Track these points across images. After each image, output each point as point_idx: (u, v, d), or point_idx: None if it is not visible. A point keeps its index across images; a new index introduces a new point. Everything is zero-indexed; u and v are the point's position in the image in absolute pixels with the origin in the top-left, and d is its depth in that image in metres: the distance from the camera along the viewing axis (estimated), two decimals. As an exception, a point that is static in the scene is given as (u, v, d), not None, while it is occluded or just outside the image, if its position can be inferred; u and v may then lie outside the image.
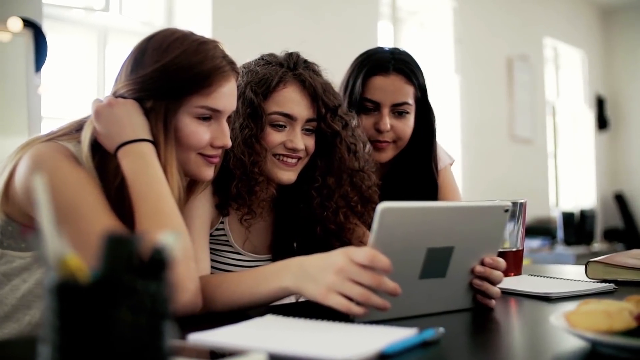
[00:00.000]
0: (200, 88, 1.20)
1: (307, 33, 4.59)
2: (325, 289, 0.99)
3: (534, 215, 6.25)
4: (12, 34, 3.23)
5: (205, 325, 0.92)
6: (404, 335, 0.86)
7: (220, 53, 1.25)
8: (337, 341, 0.86)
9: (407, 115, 1.74)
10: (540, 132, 6.79)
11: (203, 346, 0.83)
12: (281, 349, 0.79)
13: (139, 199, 1.11)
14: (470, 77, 5.94)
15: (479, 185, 5.96)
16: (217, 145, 1.25)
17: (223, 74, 1.22)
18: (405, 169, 1.81)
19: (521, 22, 6.57)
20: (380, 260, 0.96)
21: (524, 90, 6.50)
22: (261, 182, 1.38)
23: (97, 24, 4.10)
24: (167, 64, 1.18)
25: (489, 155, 6.09)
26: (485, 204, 1.13)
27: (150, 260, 0.57)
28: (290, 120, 1.40)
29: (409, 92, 1.74)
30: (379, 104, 1.71)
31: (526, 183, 6.44)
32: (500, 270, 1.14)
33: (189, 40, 1.21)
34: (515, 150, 6.39)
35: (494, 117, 6.22)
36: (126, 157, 1.14)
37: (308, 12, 4.67)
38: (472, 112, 5.95)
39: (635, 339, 0.76)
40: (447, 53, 5.90)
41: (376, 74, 1.72)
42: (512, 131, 6.35)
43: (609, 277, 1.48)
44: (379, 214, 0.97)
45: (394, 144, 1.76)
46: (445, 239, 1.06)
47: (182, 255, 1.09)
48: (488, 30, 6.17)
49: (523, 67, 6.49)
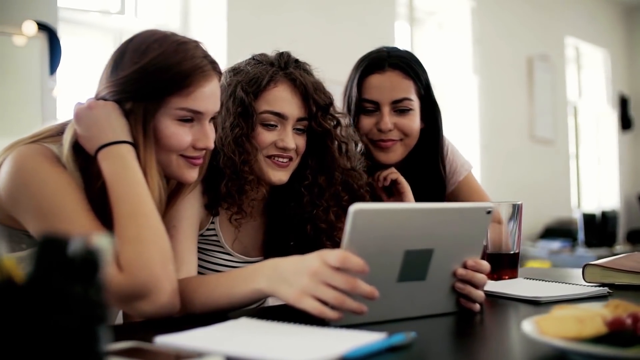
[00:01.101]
0: (180, 89, 1.19)
1: (322, 34, 4.58)
2: (299, 293, 0.98)
3: (555, 216, 6.17)
4: (27, 37, 3.28)
5: (186, 327, 0.92)
6: (371, 339, 0.85)
7: (201, 53, 1.24)
8: (300, 345, 0.85)
9: (410, 111, 1.69)
10: (562, 132, 6.69)
11: (168, 348, 0.83)
12: (240, 352, 0.79)
13: (117, 201, 1.11)
14: (490, 77, 5.88)
15: (498, 187, 5.89)
16: (199, 147, 1.25)
17: (203, 74, 1.21)
18: (412, 168, 1.75)
19: (541, 22, 6.49)
20: (353, 262, 0.95)
21: (545, 90, 6.42)
22: (251, 181, 1.38)
23: (112, 27, 4.14)
24: (146, 65, 1.17)
25: (508, 156, 6.03)
26: (466, 205, 1.11)
27: (81, 262, 0.56)
28: (281, 120, 1.40)
29: (408, 87, 1.68)
30: (378, 103, 1.68)
31: (547, 184, 6.35)
32: (483, 273, 1.12)
33: (169, 41, 1.21)
34: (536, 151, 6.31)
35: (513, 118, 6.15)
36: (105, 160, 1.14)
37: (323, 13, 4.66)
38: (492, 113, 5.89)
39: (603, 346, 0.74)
40: (465, 53, 5.85)
41: (372, 73, 1.69)
42: (532, 132, 6.27)
43: (606, 280, 1.45)
44: (351, 216, 0.95)
45: (402, 143, 1.70)
46: (424, 241, 1.04)
47: (160, 257, 1.08)
48: (507, 30, 6.11)
49: (544, 67, 6.41)
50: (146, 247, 1.07)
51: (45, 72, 3.33)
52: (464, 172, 1.83)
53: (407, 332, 0.88)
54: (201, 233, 1.42)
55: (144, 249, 1.07)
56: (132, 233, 1.08)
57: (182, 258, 1.26)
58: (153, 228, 1.10)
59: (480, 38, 5.82)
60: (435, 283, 1.09)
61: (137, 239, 1.08)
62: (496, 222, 1.69)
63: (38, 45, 3.33)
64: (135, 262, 1.06)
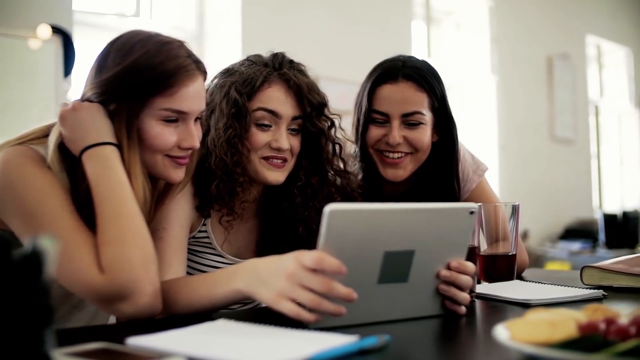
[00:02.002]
0: (163, 89, 1.19)
1: (338, 34, 4.57)
2: (276, 295, 0.97)
3: (575, 217, 6.10)
4: (41, 40, 3.32)
5: (168, 328, 0.93)
6: (341, 342, 0.84)
7: (185, 52, 1.24)
8: (266, 347, 0.84)
9: (421, 125, 1.62)
10: (583, 132, 6.61)
11: (135, 349, 0.83)
12: (203, 354, 0.79)
13: (99, 202, 1.12)
14: (508, 77, 5.83)
15: (518, 188, 5.85)
16: (184, 147, 1.25)
17: (187, 74, 1.21)
18: (425, 181, 1.69)
19: (562, 21, 6.41)
20: (329, 263, 0.94)
21: (565, 89, 6.34)
22: (242, 182, 1.37)
23: (127, 30, 4.17)
24: (129, 66, 1.18)
25: (528, 156, 5.97)
26: (447, 206, 1.09)
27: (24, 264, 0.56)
28: (275, 119, 1.39)
29: (420, 100, 1.62)
30: (388, 115, 1.62)
31: (567, 184, 6.28)
32: (468, 275, 1.10)
33: (152, 41, 1.21)
34: (556, 151, 6.24)
35: (533, 118, 6.09)
36: (89, 161, 1.15)
37: (339, 13, 4.65)
38: (511, 113, 5.84)
39: (571, 351, 0.72)
40: (483, 53, 5.81)
41: (384, 83, 1.63)
42: (552, 132, 6.20)
43: (605, 283, 1.43)
44: (326, 216, 0.94)
45: (412, 157, 1.64)
46: (404, 242, 1.03)
47: (141, 258, 1.08)
48: (526, 30, 6.05)
49: (564, 66, 6.33)
50: (127, 249, 1.08)
51: (60, 75, 3.38)
52: (476, 179, 1.77)
53: (381, 335, 0.87)
54: (193, 235, 1.42)
55: (124, 250, 1.07)
56: (113, 234, 1.09)
57: (170, 260, 1.26)
58: (134, 230, 1.11)
59: (498, 37, 5.77)
60: (418, 285, 1.08)
61: (118, 240, 1.08)
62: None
63: (52, 49, 3.37)
64: (116, 263, 1.06)
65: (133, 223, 1.11)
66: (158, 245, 1.27)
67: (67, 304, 1.25)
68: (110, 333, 0.95)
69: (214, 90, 1.42)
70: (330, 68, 4.04)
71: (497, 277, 1.48)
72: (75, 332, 1.06)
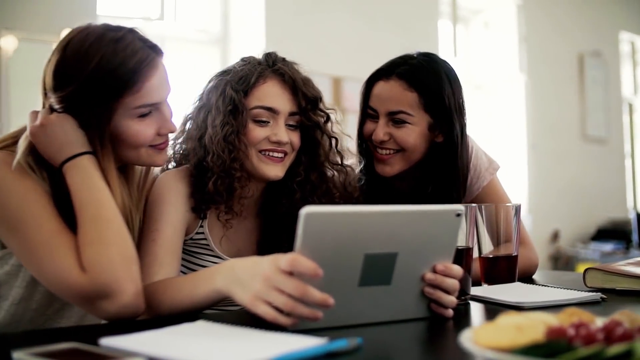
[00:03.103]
0: (130, 88, 1.19)
1: (362, 35, 4.56)
2: (252, 297, 0.97)
3: (608, 217, 5.98)
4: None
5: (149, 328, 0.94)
6: (309, 344, 0.83)
7: (139, 42, 1.22)
8: (231, 349, 0.84)
9: (406, 124, 1.59)
10: (616, 131, 6.48)
11: (101, 349, 0.83)
12: (165, 354, 0.79)
13: (79, 208, 1.14)
14: (538, 76, 5.75)
15: (549, 188, 5.76)
16: (163, 134, 1.27)
17: (148, 65, 1.21)
18: (427, 182, 1.65)
19: (593, 17, 6.29)
20: (304, 265, 0.93)
21: (597, 87, 6.23)
22: (240, 178, 1.38)
23: (152, 33, 4.22)
24: (89, 76, 1.17)
25: (559, 156, 5.88)
26: (431, 208, 1.07)
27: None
28: (273, 115, 1.40)
29: (408, 100, 1.57)
30: (377, 112, 1.62)
31: (600, 184, 6.16)
32: (455, 278, 1.08)
33: (105, 40, 1.18)
34: (588, 150, 6.13)
35: (564, 117, 5.99)
36: (69, 173, 1.17)
37: (363, 13, 4.63)
38: (541, 112, 5.76)
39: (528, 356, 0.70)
40: (512, 52, 5.74)
41: (379, 80, 1.63)
42: (584, 131, 6.09)
43: (607, 285, 1.39)
44: (302, 219, 0.94)
45: (400, 155, 1.62)
46: (385, 245, 1.01)
47: (121, 257, 1.10)
48: (556, 27, 5.95)
49: (596, 63, 6.22)
50: (107, 249, 1.09)
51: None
52: (488, 177, 1.75)
53: (352, 338, 0.86)
54: (190, 237, 1.43)
55: (104, 250, 1.09)
56: (93, 236, 1.10)
57: (161, 261, 1.27)
58: (114, 231, 1.12)
59: (527, 36, 5.70)
60: (402, 288, 1.06)
61: (97, 240, 1.10)
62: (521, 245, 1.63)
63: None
64: (97, 263, 1.07)
65: (112, 224, 1.13)
66: (150, 246, 1.28)
67: (57, 301, 1.26)
68: (89, 333, 0.95)
69: (210, 91, 1.43)
70: (354, 69, 4.02)
71: (498, 279, 1.46)
72: (56, 332, 1.07)
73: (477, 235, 1.49)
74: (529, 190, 5.68)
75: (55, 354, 0.79)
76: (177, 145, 1.49)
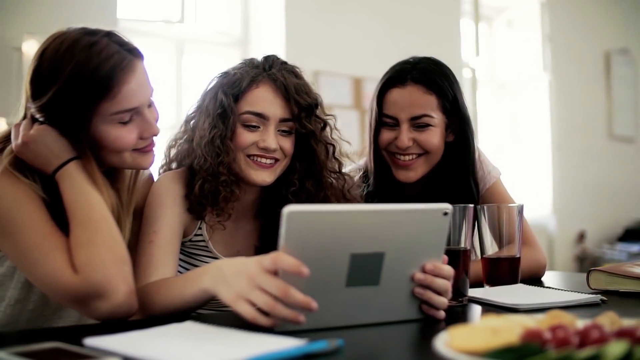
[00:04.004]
0: (106, 94, 1.17)
1: (383, 35, 4.54)
2: (235, 296, 0.97)
3: (635, 218, 5.86)
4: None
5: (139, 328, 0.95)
6: (288, 345, 0.83)
7: (115, 46, 1.20)
8: (207, 349, 0.85)
9: (429, 127, 1.61)
10: (644, 130, 6.36)
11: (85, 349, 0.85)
12: (140, 354, 0.80)
13: (70, 212, 1.15)
14: (564, 74, 5.67)
15: (574, 188, 5.68)
16: (146, 137, 1.26)
17: (124, 70, 1.18)
18: (440, 182, 1.68)
19: (620, 13, 6.17)
20: (286, 262, 0.93)
21: (625, 86, 6.11)
22: (226, 182, 1.38)
23: (173, 36, 4.26)
24: (64, 84, 1.16)
25: (585, 156, 5.79)
26: (417, 207, 1.06)
27: None
28: (262, 120, 1.40)
29: (428, 102, 1.61)
30: (397, 119, 1.62)
31: (627, 184, 6.04)
32: (444, 278, 1.07)
33: (79, 46, 1.17)
34: (615, 149, 6.02)
35: (590, 116, 5.90)
36: (60, 182, 1.18)
37: (384, 13, 4.62)
38: (567, 111, 5.68)
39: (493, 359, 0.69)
40: (536, 50, 5.67)
41: (393, 87, 1.63)
42: (611, 130, 5.99)
43: (611, 287, 1.37)
44: (284, 218, 0.94)
45: (423, 159, 1.64)
46: (372, 244, 1.01)
47: (112, 258, 1.11)
48: (581, 24, 5.86)
49: (623, 61, 6.11)
50: (98, 249, 1.10)
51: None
52: (491, 180, 1.75)
53: (332, 339, 0.86)
54: (189, 238, 1.44)
55: (96, 251, 1.10)
56: (85, 237, 1.11)
57: (158, 262, 1.28)
58: (105, 232, 1.13)
59: (552, 34, 5.62)
60: (391, 288, 1.05)
61: (89, 242, 1.11)
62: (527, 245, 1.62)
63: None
64: (89, 263, 1.09)
65: (103, 226, 1.14)
66: (148, 247, 1.29)
67: (54, 302, 1.28)
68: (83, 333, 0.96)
69: (207, 93, 1.45)
70: (375, 69, 3.97)
71: (500, 280, 1.44)
72: (50, 332, 1.09)
73: (480, 236, 1.49)
74: (554, 190, 5.60)
75: (36, 354, 0.80)
76: (180, 146, 1.50)
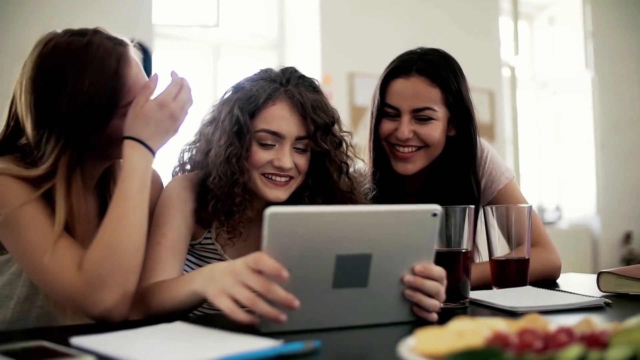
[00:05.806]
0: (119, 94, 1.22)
1: (419, 35, 4.49)
2: (218, 291, 0.99)
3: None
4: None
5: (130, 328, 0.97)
6: (263, 346, 0.84)
7: (107, 42, 1.23)
8: (183, 349, 0.86)
9: (431, 120, 1.59)
10: (692, 127, 6.16)
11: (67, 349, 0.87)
12: (113, 353, 0.82)
13: (117, 198, 1.18)
14: (607, 71, 5.56)
15: (619, 187, 5.54)
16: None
17: (126, 61, 1.23)
18: (441, 177, 1.66)
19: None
20: (267, 264, 0.93)
21: (671, 82, 5.94)
22: (241, 202, 1.37)
23: (209, 40, 4.32)
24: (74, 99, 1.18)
25: (629, 154, 5.65)
26: (404, 208, 1.05)
27: None
28: (278, 139, 1.37)
29: (432, 96, 1.58)
30: (399, 110, 1.61)
31: (675, 183, 5.87)
32: (435, 280, 1.06)
33: (71, 53, 1.20)
34: (661, 148, 5.86)
35: (635, 114, 5.74)
36: (135, 152, 1.21)
37: (419, 12, 4.59)
38: (610, 109, 5.55)
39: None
40: (578, 48, 5.56)
41: (397, 77, 1.61)
42: (656, 128, 5.83)
43: (621, 290, 1.34)
44: (266, 220, 0.94)
45: (423, 152, 1.62)
46: (358, 246, 1.00)
47: (124, 266, 1.13)
48: (624, 20, 5.72)
49: (669, 56, 5.93)
50: (115, 257, 1.12)
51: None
52: (504, 181, 1.72)
53: (309, 341, 0.86)
54: (199, 241, 1.45)
55: (110, 255, 1.12)
56: (107, 239, 1.13)
57: (164, 264, 1.30)
58: (131, 239, 1.15)
59: (594, 31, 5.50)
60: (381, 290, 1.05)
61: (108, 246, 1.13)
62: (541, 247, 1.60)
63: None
64: (94, 264, 1.11)
65: (133, 232, 1.16)
66: (156, 249, 1.31)
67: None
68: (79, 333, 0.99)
69: (223, 104, 1.43)
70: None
71: (508, 282, 1.42)
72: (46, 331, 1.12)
73: (488, 237, 1.47)
74: (597, 190, 5.48)
75: (17, 353, 0.83)
76: (194, 150, 1.51)
